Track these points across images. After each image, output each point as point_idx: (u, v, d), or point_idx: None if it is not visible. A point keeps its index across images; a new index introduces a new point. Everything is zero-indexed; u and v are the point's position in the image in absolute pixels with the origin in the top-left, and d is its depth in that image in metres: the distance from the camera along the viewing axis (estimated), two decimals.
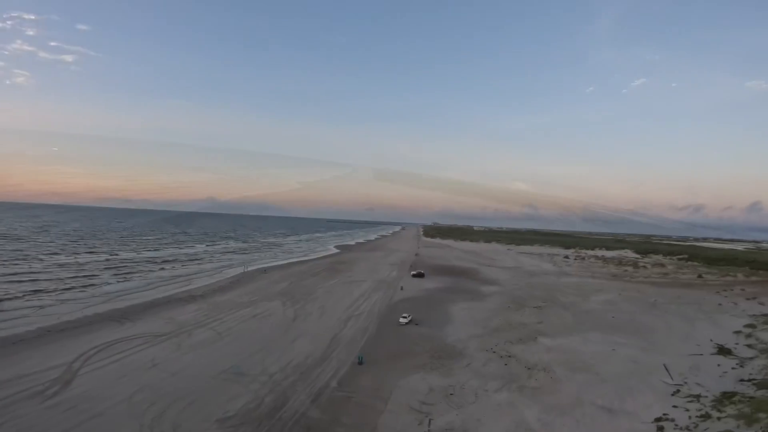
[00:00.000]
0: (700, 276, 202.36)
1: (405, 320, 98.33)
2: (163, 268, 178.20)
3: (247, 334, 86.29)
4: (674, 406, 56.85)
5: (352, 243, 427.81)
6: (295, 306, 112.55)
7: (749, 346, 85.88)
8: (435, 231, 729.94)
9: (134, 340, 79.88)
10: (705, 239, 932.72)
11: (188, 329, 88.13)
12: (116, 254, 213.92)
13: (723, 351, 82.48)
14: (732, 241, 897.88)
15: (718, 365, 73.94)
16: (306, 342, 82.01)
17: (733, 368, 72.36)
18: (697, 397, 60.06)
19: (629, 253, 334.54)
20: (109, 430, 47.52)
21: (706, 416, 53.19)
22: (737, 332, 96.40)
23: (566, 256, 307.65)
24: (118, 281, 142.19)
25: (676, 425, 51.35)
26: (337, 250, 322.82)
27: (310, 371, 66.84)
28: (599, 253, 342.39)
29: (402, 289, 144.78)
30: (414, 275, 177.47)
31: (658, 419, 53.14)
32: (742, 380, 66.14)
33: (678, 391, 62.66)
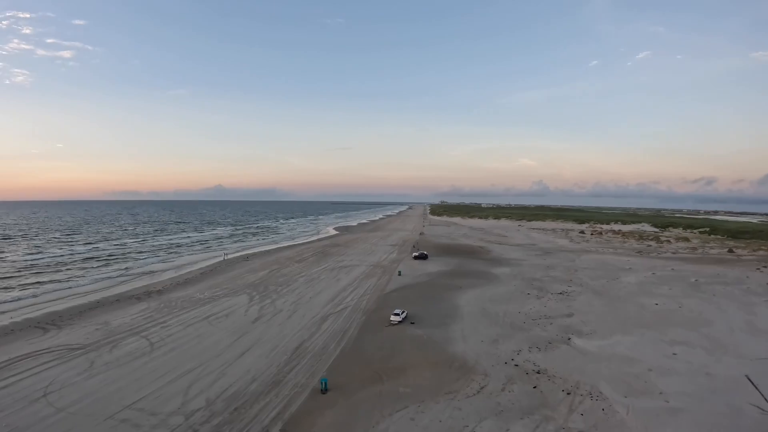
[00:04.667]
0: (730, 250, 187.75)
1: (397, 318, 77.13)
2: (138, 261, 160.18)
3: (187, 343, 66.28)
4: None
5: (354, 224, 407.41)
6: (264, 302, 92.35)
7: None
8: (442, 209, 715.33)
9: (44, 355, 62.06)
10: (715, 212, 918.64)
11: (116, 338, 68.60)
12: (99, 248, 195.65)
13: None
14: (743, 213, 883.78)
15: None
16: (259, 355, 61.54)
17: None
18: None
19: (647, 227, 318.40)
20: None
21: None
22: None
23: (581, 231, 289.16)
24: (81, 279, 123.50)
25: None
26: (336, 232, 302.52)
27: (249, 406, 46.23)
28: (615, 227, 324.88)
29: (400, 274, 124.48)
30: (415, 257, 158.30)
31: None
32: None
33: None
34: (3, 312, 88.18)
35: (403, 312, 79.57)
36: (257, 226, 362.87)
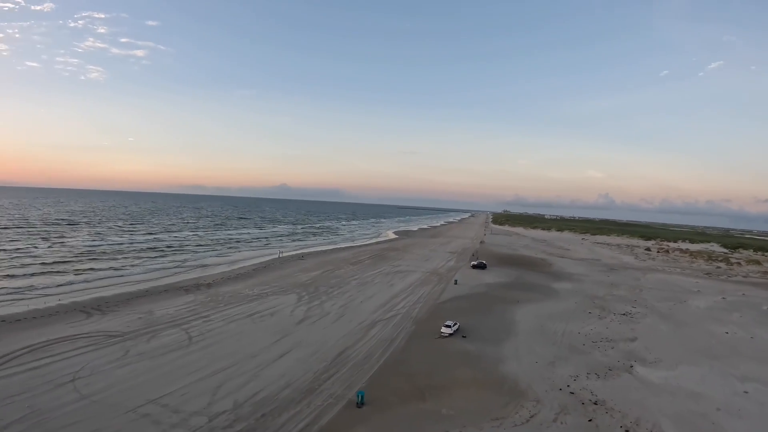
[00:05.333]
0: None
1: (448, 330, 71.71)
2: (194, 254, 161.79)
3: (226, 340, 63.97)
4: None
5: (414, 229, 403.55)
6: (312, 303, 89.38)
7: None
8: (505, 218, 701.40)
9: (81, 339, 61.50)
10: None
11: (156, 329, 67.42)
12: (159, 238, 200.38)
13: None
14: None
15: None
16: (297, 359, 58.06)
17: None
18: None
19: (716, 247, 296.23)
20: None
21: None
22: None
23: (647, 249, 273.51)
24: (135, 267, 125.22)
25: None
26: (395, 236, 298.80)
27: (278, 414, 42.69)
28: (683, 246, 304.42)
29: (456, 283, 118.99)
30: (474, 266, 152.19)
31: None
32: None
33: None
34: (52, 294, 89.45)
35: (455, 324, 74.32)
36: (318, 226, 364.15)
